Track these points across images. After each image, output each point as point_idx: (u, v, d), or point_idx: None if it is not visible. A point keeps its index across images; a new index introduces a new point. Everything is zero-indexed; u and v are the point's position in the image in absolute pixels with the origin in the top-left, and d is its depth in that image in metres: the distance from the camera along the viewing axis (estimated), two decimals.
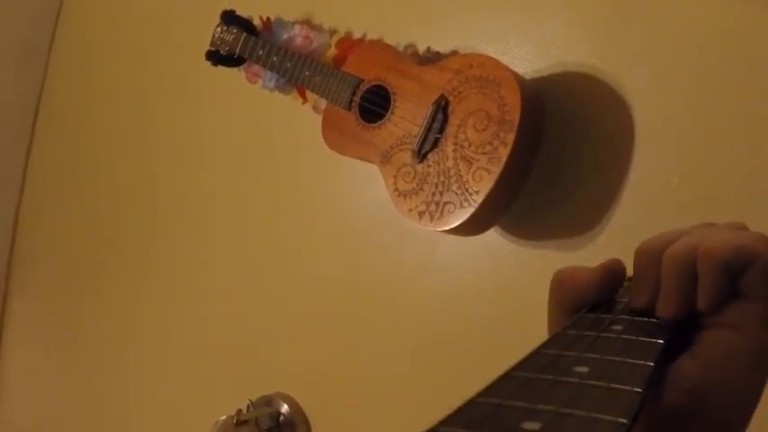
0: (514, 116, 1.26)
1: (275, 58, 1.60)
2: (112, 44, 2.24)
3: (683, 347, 0.40)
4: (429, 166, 1.34)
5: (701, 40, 1.28)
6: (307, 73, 1.55)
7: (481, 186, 1.28)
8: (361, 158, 1.46)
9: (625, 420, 0.27)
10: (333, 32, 1.70)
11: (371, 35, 1.63)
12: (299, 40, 1.71)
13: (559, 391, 0.30)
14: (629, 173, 1.31)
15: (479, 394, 0.29)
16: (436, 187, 1.33)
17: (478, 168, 1.28)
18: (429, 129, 1.35)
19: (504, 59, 1.33)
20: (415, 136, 1.36)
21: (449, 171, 1.32)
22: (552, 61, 1.41)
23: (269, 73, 1.70)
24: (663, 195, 1.29)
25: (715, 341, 0.40)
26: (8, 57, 2.30)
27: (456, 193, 1.30)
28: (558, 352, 0.35)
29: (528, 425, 0.27)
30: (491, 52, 1.37)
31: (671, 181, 1.28)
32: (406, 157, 1.37)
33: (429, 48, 1.55)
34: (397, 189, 1.38)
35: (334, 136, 1.51)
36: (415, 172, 1.36)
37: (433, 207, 1.33)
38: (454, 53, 1.50)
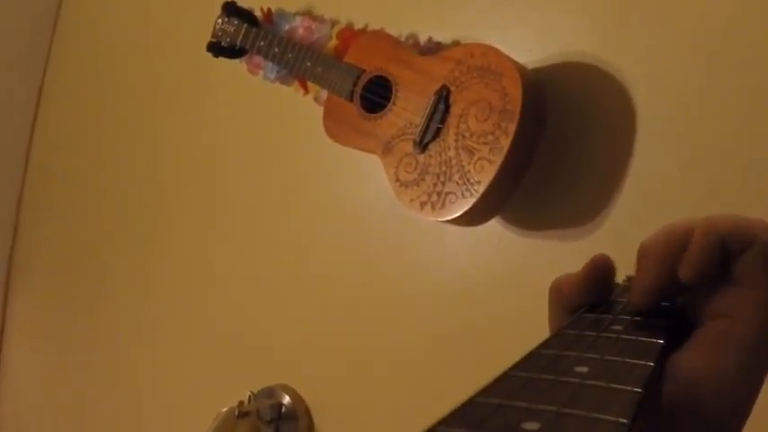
0: (516, 106, 1.26)
1: (276, 50, 1.60)
2: (113, 37, 2.23)
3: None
4: (430, 156, 1.34)
5: (706, 31, 1.27)
6: (308, 64, 1.54)
7: (483, 176, 1.27)
8: (363, 149, 1.46)
9: (625, 420, 0.27)
10: (334, 23, 1.69)
11: (373, 26, 1.62)
12: (300, 31, 1.71)
13: (559, 390, 0.30)
14: (631, 163, 1.31)
15: (479, 394, 0.29)
16: (438, 177, 1.32)
17: (480, 158, 1.28)
18: (430, 119, 1.34)
19: (506, 49, 1.33)
20: (416, 126, 1.36)
21: (450, 161, 1.31)
22: (554, 51, 1.40)
23: (270, 64, 1.69)
24: (665, 186, 1.29)
25: (712, 332, 0.38)
26: (9, 52, 2.28)
27: (458, 183, 1.30)
28: (558, 352, 0.35)
29: (528, 425, 0.27)
30: (493, 42, 1.36)
31: (674, 171, 1.28)
32: (408, 147, 1.37)
33: (431, 38, 1.54)
34: (398, 179, 1.38)
35: (335, 127, 1.51)
36: (417, 162, 1.35)
37: (434, 197, 1.33)
38: (456, 43, 1.49)
